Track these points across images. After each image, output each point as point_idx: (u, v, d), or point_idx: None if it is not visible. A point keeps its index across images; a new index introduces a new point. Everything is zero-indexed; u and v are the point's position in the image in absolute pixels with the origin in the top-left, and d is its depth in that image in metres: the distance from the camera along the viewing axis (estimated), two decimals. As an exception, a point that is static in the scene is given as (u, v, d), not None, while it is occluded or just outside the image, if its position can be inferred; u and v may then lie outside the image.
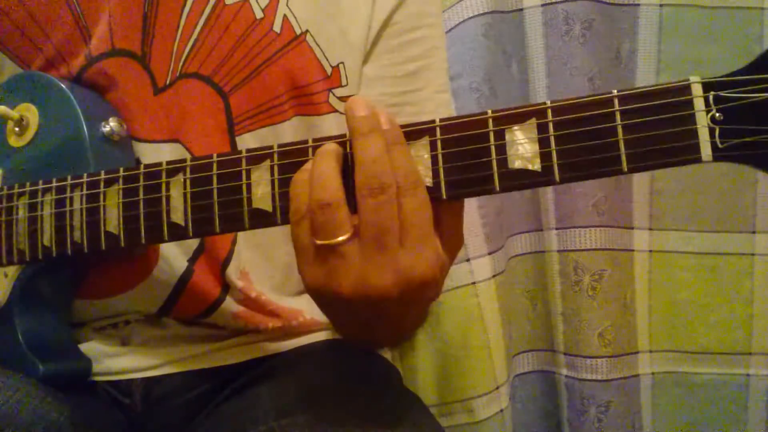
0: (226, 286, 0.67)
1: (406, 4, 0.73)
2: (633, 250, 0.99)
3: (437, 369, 0.99)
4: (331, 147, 0.47)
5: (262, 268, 0.69)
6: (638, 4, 0.95)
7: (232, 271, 0.66)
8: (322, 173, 0.46)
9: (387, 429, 0.56)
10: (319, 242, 0.45)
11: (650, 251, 0.99)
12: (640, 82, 0.95)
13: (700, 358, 0.99)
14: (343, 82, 0.70)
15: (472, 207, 0.94)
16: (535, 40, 0.96)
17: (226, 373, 0.68)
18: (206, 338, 0.68)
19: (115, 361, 0.66)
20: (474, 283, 0.96)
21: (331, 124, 0.69)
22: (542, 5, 0.95)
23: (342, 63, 0.69)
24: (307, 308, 0.72)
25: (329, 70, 0.69)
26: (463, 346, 0.97)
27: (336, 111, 0.69)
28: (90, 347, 0.66)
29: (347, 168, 0.47)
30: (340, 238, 0.45)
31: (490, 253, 0.96)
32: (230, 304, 0.67)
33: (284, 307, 0.70)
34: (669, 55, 0.94)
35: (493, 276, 0.97)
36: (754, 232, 0.96)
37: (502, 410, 0.97)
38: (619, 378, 0.98)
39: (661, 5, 0.94)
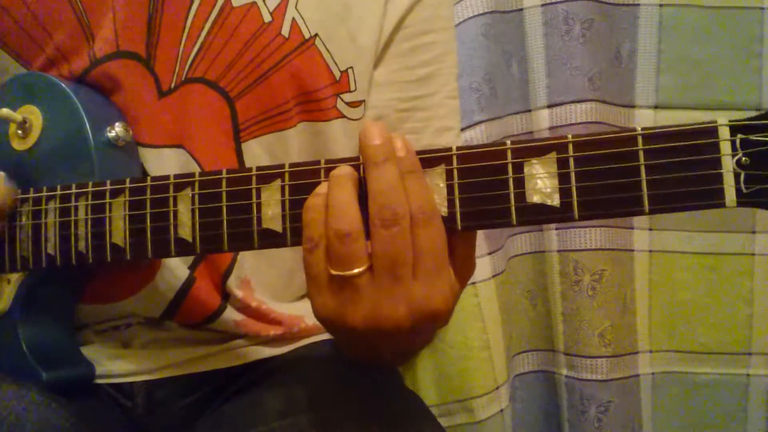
0: (227, 296, 0.66)
1: (419, 8, 0.72)
2: (633, 250, 0.99)
3: (437, 369, 0.99)
4: (346, 171, 0.46)
5: (265, 273, 0.69)
6: (638, 4, 0.95)
7: (232, 281, 0.66)
8: (339, 202, 0.44)
9: (387, 429, 0.56)
10: (334, 273, 0.44)
11: (650, 251, 0.99)
12: (640, 82, 0.95)
13: (700, 358, 0.99)
14: (352, 87, 0.68)
15: (472, 207, 0.94)
16: (535, 40, 0.96)
17: (227, 375, 0.68)
18: (208, 341, 0.68)
19: (116, 363, 0.66)
20: (474, 283, 0.96)
21: (338, 130, 0.68)
22: (542, 5, 0.95)
23: (351, 68, 0.68)
24: (307, 314, 0.71)
25: (338, 75, 0.68)
26: (463, 346, 0.97)
27: (344, 116, 0.68)
28: (91, 349, 0.66)
29: (362, 194, 0.46)
30: (356, 270, 0.44)
31: (490, 253, 0.96)
32: (231, 313, 0.66)
33: (285, 314, 0.70)
34: (669, 55, 0.94)
35: (493, 276, 0.97)
36: (754, 232, 0.96)
37: (502, 410, 0.97)
38: (619, 378, 0.98)
39: (661, 5, 0.94)
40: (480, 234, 0.94)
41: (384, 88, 0.71)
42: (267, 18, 0.65)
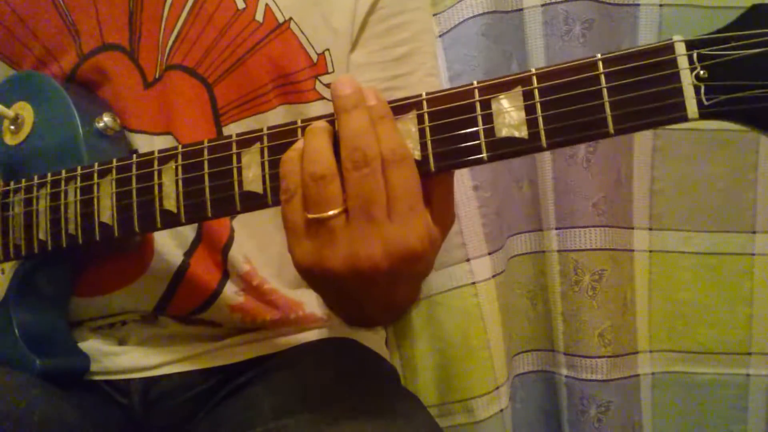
0: (226, 274, 0.67)
1: None
2: (633, 250, 0.99)
3: (437, 369, 0.99)
4: (321, 124, 0.47)
5: (258, 258, 0.70)
6: (638, 4, 0.95)
7: (235, 256, 0.66)
8: (313, 148, 0.46)
9: (384, 428, 0.56)
10: (311, 216, 0.45)
11: (650, 251, 0.99)
12: (640, 82, 0.95)
13: (700, 358, 0.99)
14: (330, 69, 0.70)
15: (472, 207, 0.94)
16: (535, 40, 0.96)
17: (224, 373, 0.68)
18: (204, 338, 0.68)
19: (112, 360, 0.66)
20: (474, 283, 0.96)
21: (318, 112, 0.69)
22: (542, 5, 0.95)
23: (328, 50, 0.70)
24: (307, 302, 0.72)
25: (315, 57, 0.69)
26: (463, 346, 0.97)
27: (323, 98, 0.70)
28: (87, 346, 0.67)
29: (337, 147, 0.47)
30: (332, 212, 0.45)
31: (490, 253, 0.96)
32: (228, 295, 0.67)
33: (285, 297, 0.70)
34: (669, 55, 0.94)
35: (493, 276, 0.97)
36: (754, 232, 0.96)
37: (502, 410, 0.97)
38: (619, 378, 0.98)
39: (661, 5, 0.94)
40: (480, 234, 0.95)
41: (363, 69, 0.72)
42: (241, 5, 0.67)
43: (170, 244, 0.65)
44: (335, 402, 0.59)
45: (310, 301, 0.72)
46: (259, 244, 0.69)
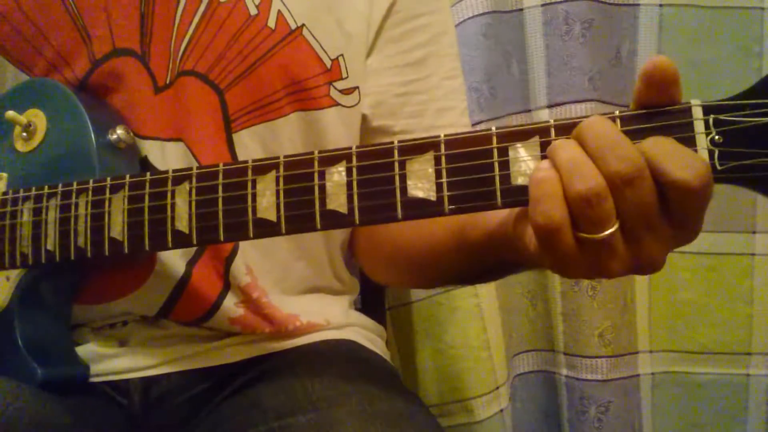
0: (227, 285, 0.66)
1: None
2: (633, 250, 0.99)
3: (437, 369, 0.99)
4: (563, 141, 0.43)
5: (262, 264, 0.69)
6: (638, 4, 0.95)
7: (238, 267, 0.66)
8: (578, 161, 0.41)
9: (386, 428, 0.55)
10: (588, 236, 0.41)
11: (650, 251, 0.99)
12: (640, 82, 0.96)
13: (700, 358, 0.99)
14: (344, 75, 0.69)
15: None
16: (535, 40, 0.96)
17: (224, 373, 0.68)
18: (204, 337, 0.68)
19: (112, 361, 0.66)
20: (474, 282, 0.96)
21: (332, 118, 0.69)
22: (542, 5, 0.95)
23: (341, 55, 0.69)
24: (303, 312, 0.71)
25: (329, 63, 0.68)
26: (463, 346, 0.97)
27: (338, 104, 0.69)
28: (88, 348, 0.66)
29: None
30: (611, 229, 0.41)
31: (490, 253, 0.96)
32: (228, 308, 0.66)
33: (281, 312, 0.70)
34: (669, 55, 0.93)
35: (493, 276, 0.97)
36: (754, 232, 0.96)
37: (502, 410, 0.97)
38: (619, 378, 0.98)
39: (661, 5, 0.94)
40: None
41: (380, 73, 0.71)
42: (253, 11, 0.66)
43: (173, 253, 0.64)
44: (337, 402, 0.58)
45: (307, 311, 0.72)
46: (264, 251, 0.69)
